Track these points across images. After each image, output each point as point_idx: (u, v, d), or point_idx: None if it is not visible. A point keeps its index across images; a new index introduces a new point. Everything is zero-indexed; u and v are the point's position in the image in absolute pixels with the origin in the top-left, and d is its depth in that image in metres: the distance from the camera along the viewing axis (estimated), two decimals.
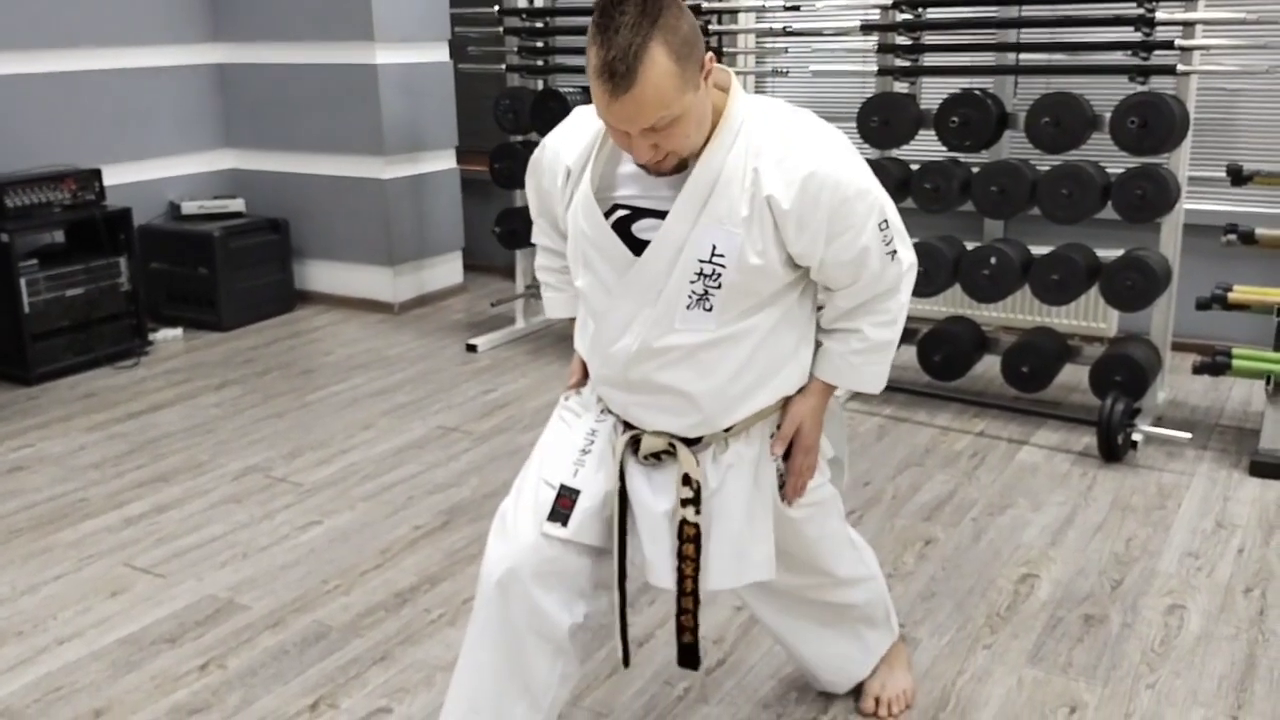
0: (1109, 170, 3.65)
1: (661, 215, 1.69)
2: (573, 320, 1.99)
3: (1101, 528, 3.04)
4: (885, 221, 1.75)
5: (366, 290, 5.43)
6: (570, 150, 1.80)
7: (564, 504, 1.82)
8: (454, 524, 3.12)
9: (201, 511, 3.23)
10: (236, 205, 5.32)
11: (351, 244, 5.40)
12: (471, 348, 4.74)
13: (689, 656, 1.94)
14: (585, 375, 1.95)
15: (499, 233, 4.84)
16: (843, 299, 1.81)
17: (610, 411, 1.87)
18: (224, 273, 5.05)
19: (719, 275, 1.69)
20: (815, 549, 2.00)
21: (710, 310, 1.70)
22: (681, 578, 1.84)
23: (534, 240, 2.04)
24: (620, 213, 1.73)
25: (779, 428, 1.87)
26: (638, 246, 1.71)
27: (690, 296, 1.70)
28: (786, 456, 1.89)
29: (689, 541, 1.81)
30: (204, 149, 5.49)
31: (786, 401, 1.86)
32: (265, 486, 3.40)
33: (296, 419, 3.96)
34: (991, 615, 2.61)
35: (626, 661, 1.94)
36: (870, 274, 1.77)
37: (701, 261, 1.68)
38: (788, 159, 1.66)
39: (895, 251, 1.78)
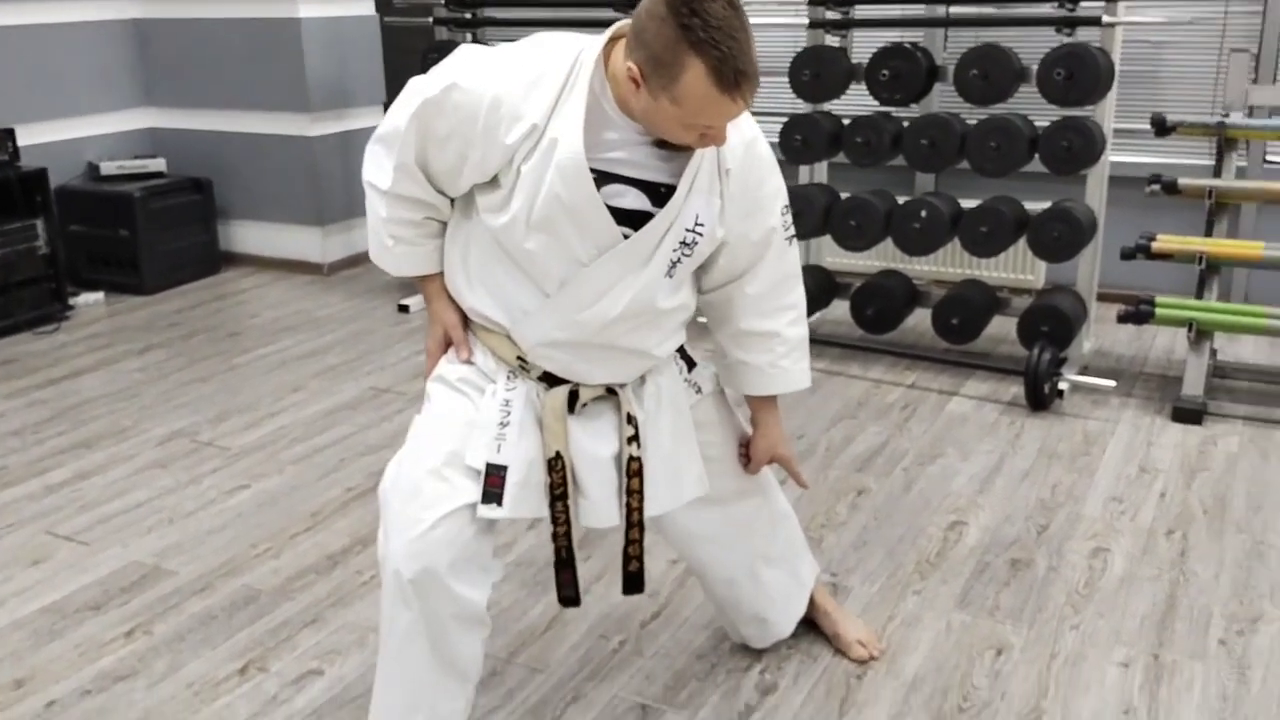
0: (1037, 124, 3.68)
1: (634, 182, 1.69)
2: (427, 278, 1.86)
3: (1028, 475, 3.10)
4: (787, 206, 1.89)
5: (295, 251, 5.33)
6: (532, 104, 1.64)
7: (493, 483, 1.74)
8: None
9: (125, 478, 3.16)
10: (157, 165, 5.18)
11: (278, 204, 5.29)
12: (403, 308, 4.67)
13: (634, 583, 1.95)
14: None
15: None
16: (750, 284, 1.90)
17: (520, 375, 1.80)
18: (146, 234, 4.92)
19: (695, 244, 1.76)
20: (733, 465, 2.08)
21: (671, 277, 1.77)
22: (629, 510, 1.85)
23: (391, 189, 1.77)
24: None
25: (749, 461, 2.07)
26: (611, 212, 1.69)
27: (668, 263, 1.75)
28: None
29: (634, 476, 1.83)
30: (122, 107, 5.33)
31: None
32: (191, 451, 3.33)
33: (223, 382, 3.89)
34: (921, 562, 2.65)
35: (578, 601, 1.91)
36: (774, 254, 1.89)
37: (686, 230, 1.74)
38: (735, 133, 1.73)
39: (794, 236, 1.91)
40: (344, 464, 3.23)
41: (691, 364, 2.00)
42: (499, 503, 1.74)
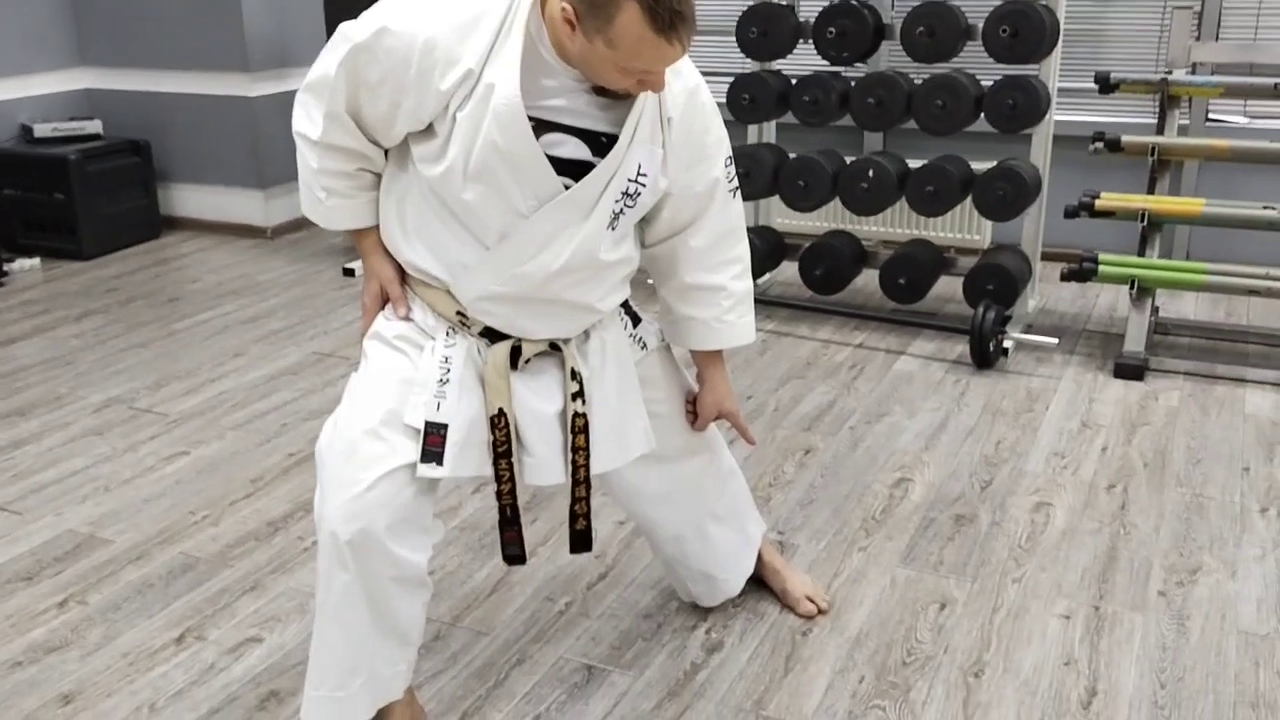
0: (983, 82, 3.67)
1: (574, 131, 1.66)
2: (361, 232, 1.81)
3: (973, 432, 3.11)
4: (730, 158, 1.88)
5: (237, 214, 5.23)
6: (468, 48, 1.59)
7: (433, 442, 1.70)
8: None
9: (61, 445, 3.09)
10: (94, 127, 5.05)
11: (219, 166, 5.18)
12: (349, 272, 4.60)
13: (582, 541, 1.93)
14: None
15: None
16: (695, 237, 1.88)
17: (460, 331, 1.77)
18: (82, 198, 4.80)
19: (638, 195, 1.73)
20: (679, 424, 2.07)
21: (614, 230, 1.74)
22: (575, 468, 1.83)
23: (322, 139, 1.71)
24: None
25: (696, 418, 2.05)
26: (551, 162, 1.65)
27: (611, 215, 1.71)
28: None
29: (580, 432, 1.81)
30: (56, 68, 5.18)
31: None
32: (129, 418, 3.26)
33: (162, 348, 3.81)
34: (867, 519, 2.66)
35: (524, 559, 1.89)
36: (718, 206, 1.87)
37: (629, 181, 1.70)
38: (677, 81, 1.72)
39: (737, 188, 1.90)
40: (286, 429, 3.18)
41: (636, 319, 1.98)
42: (439, 462, 1.70)
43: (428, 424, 1.70)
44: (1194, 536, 2.56)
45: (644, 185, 1.72)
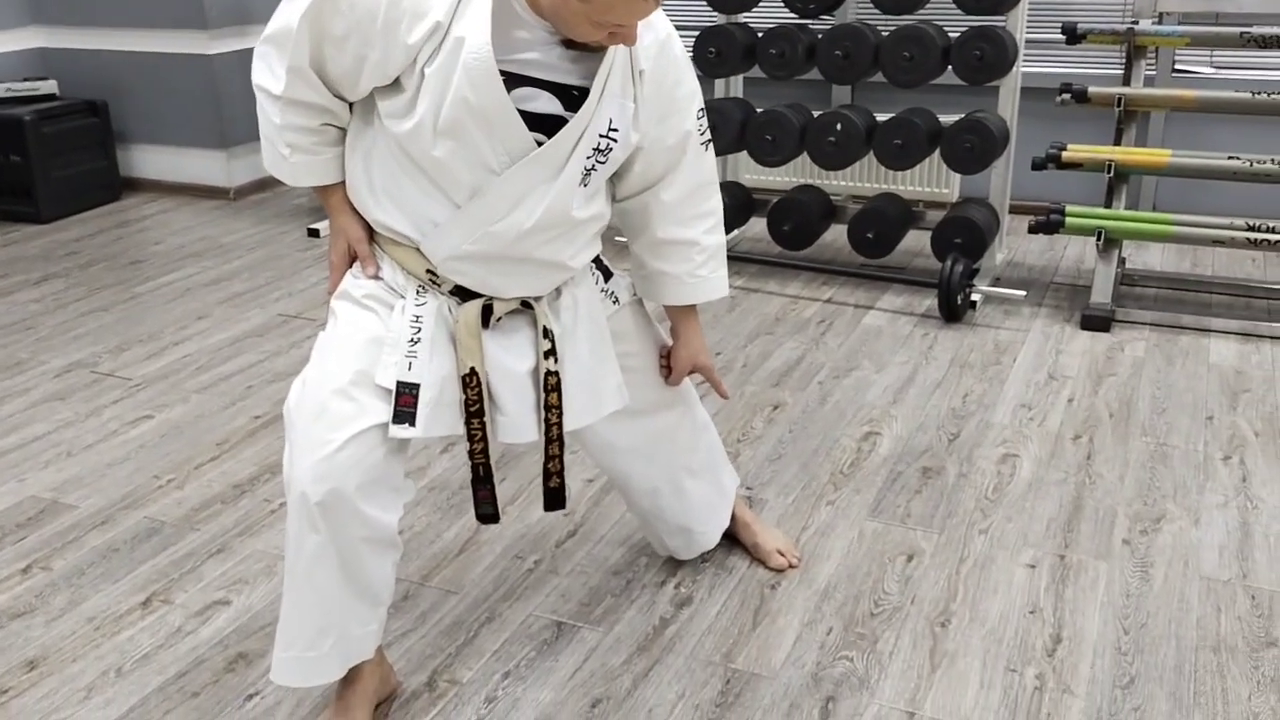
0: (950, 34, 3.65)
1: (546, 85, 1.62)
2: (328, 189, 1.78)
3: (941, 385, 3.12)
4: (702, 110, 1.85)
5: (198, 175, 5.15)
6: (435, 0, 1.56)
7: (405, 402, 1.68)
8: None
9: (22, 411, 3.05)
10: (49, 87, 4.95)
11: (180, 126, 5.09)
12: (313, 232, 4.55)
13: (556, 499, 1.92)
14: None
15: None
16: (667, 191, 1.86)
17: (430, 290, 1.74)
18: (39, 161, 4.71)
19: (610, 151, 1.70)
20: (653, 378, 2.06)
21: (586, 186, 1.71)
22: (548, 426, 1.82)
23: (284, 93, 1.66)
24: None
25: (670, 372, 2.04)
26: (523, 117, 1.62)
27: (583, 171, 1.68)
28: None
29: (553, 391, 1.80)
30: (7, 27, 5.06)
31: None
32: (91, 382, 3.22)
33: (124, 312, 3.76)
34: (835, 473, 2.67)
35: (497, 518, 1.88)
36: (690, 159, 1.85)
37: (600, 136, 1.67)
38: (648, 33, 1.70)
39: (709, 141, 1.87)
40: (251, 391, 3.15)
41: (608, 274, 1.96)
42: (411, 423, 1.69)
43: (399, 384, 1.69)
44: (1158, 485, 2.59)
45: (615, 140, 1.69)
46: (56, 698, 1.96)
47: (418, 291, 1.75)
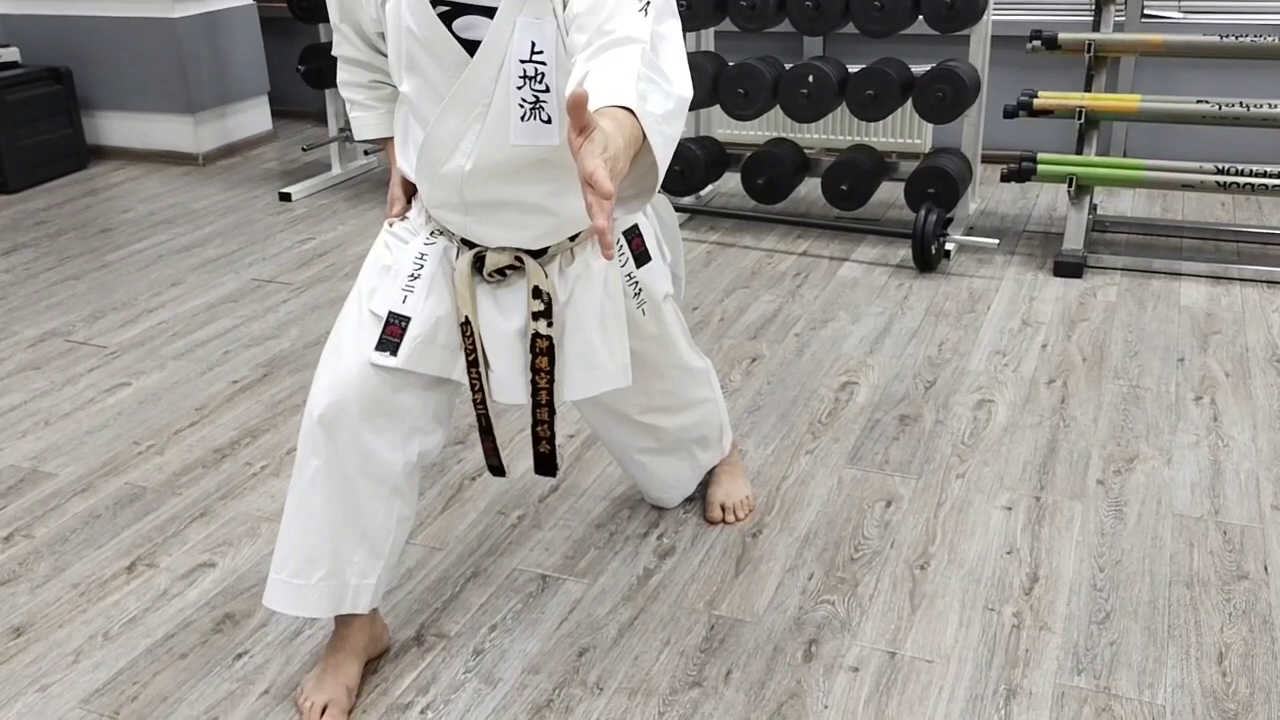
0: None
1: (482, 10, 1.57)
2: (387, 141, 1.83)
3: (916, 334, 3.15)
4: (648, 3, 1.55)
5: (166, 142, 5.09)
6: None
7: (392, 332, 1.72)
8: (274, 376, 3.01)
9: None
10: (10, 54, 4.86)
11: (145, 92, 5.02)
12: (285, 196, 4.52)
13: (546, 464, 1.93)
14: (409, 200, 1.82)
15: (304, 71, 4.56)
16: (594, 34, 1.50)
17: (443, 233, 1.76)
18: (3, 130, 4.65)
19: (543, 76, 1.56)
20: (661, 371, 2.02)
21: (550, 122, 1.56)
22: (536, 389, 1.82)
23: (335, 52, 1.80)
24: (440, 8, 1.58)
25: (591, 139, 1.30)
26: (466, 46, 1.58)
27: (523, 106, 1.56)
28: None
29: (542, 355, 1.79)
30: None
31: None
32: (66, 351, 3.20)
33: (96, 280, 3.73)
34: (813, 423, 2.69)
35: (502, 470, 1.94)
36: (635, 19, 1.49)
37: (523, 63, 1.55)
38: None
39: (650, 3, 1.50)
40: (228, 357, 3.14)
41: (642, 260, 1.89)
42: (393, 352, 1.72)
43: (390, 314, 1.73)
44: (1131, 426, 2.62)
45: (543, 63, 1.56)
46: (45, 663, 1.97)
47: (431, 232, 1.78)
